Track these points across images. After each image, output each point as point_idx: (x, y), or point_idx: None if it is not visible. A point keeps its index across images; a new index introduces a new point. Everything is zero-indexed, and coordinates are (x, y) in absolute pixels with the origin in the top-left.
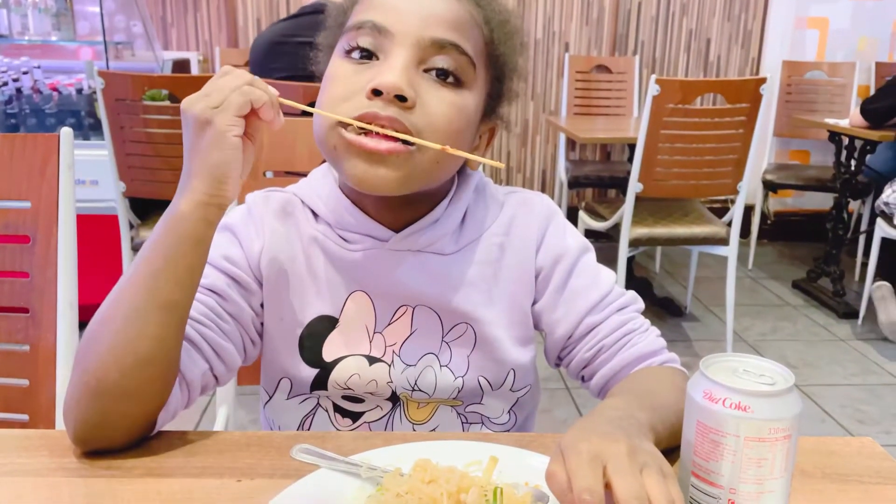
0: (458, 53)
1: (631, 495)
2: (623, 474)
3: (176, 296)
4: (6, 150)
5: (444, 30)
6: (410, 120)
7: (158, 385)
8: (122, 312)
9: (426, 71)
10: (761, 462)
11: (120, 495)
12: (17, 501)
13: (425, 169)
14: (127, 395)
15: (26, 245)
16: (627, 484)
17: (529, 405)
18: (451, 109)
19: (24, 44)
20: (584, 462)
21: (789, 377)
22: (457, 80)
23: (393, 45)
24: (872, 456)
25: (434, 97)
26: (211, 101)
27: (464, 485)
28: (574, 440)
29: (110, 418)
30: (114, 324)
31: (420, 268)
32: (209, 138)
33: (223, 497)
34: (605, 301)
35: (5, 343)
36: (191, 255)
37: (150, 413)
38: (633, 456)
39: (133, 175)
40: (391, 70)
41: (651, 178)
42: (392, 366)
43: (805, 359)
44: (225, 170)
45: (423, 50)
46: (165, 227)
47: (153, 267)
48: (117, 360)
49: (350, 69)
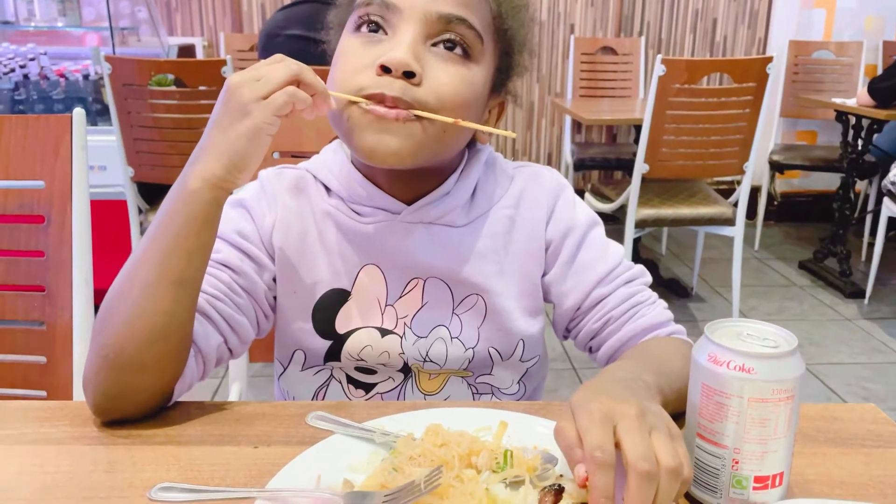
0: (465, 28)
1: (640, 455)
2: (632, 434)
3: (187, 273)
4: (20, 132)
5: (452, 4)
6: (418, 95)
7: (173, 358)
8: (135, 288)
9: (434, 45)
10: (764, 422)
11: (140, 462)
12: (40, 469)
13: (434, 139)
14: (143, 368)
15: (41, 225)
16: (636, 444)
17: (538, 376)
18: (458, 82)
19: (31, 30)
20: (595, 421)
21: (792, 340)
22: (465, 52)
23: (401, 20)
24: (875, 421)
25: (441, 71)
26: (257, 91)
27: (475, 448)
28: (585, 399)
29: (128, 389)
30: (128, 299)
31: (431, 240)
32: (243, 127)
33: (241, 463)
34: (613, 273)
35: (23, 321)
36: (200, 234)
37: (166, 384)
38: (643, 417)
39: (141, 160)
40: (399, 46)
41: (657, 158)
42: (404, 337)
43: (811, 338)
44: (246, 161)
45: (430, 25)
46: (174, 206)
47: (163, 244)
48: (133, 333)
49: (359, 43)
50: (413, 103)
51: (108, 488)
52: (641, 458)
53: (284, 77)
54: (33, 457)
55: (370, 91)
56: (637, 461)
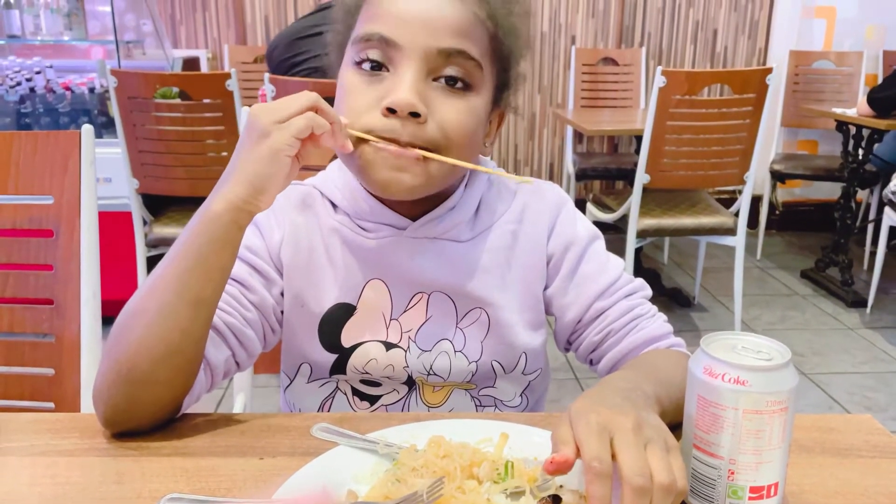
0: (464, 59)
1: (635, 471)
2: (629, 449)
3: (206, 293)
4: (29, 147)
5: (451, 37)
6: (427, 135)
7: (185, 373)
8: (154, 307)
9: (435, 79)
10: (759, 433)
11: (149, 473)
12: (51, 480)
13: (444, 174)
14: (156, 383)
15: (50, 239)
16: (632, 459)
17: (540, 388)
18: (462, 117)
19: (37, 44)
20: (593, 432)
21: (786, 353)
22: (465, 84)
23: (402, 57)
24: (871, 432)
25: (445, 107)
26: (276, 116)
27: (476, 459)
28: (583, 409)
29: (139, 403)
30: (146, 317)
31: (436, 255)
32: (263, 150)
33: (246, 474)
34: (613, 287)
35: (31, 333)
36: (220, 255)
37: (177, 398)
38: (639, 430)
39: (146, 172)
40: (402, 87)
41: (658, 169)
42: (408, 351)
43: (813, 347)
44: (267, 182)
45: (431, 60)
46: (197, 227)
47: (184, 265)
48: (149, 350)
49: (362, 81)
50: (424, 144)
51: (117, 499)
52: (637, 473)
53: (303, 104)
54: (44, 468)
55: (380, 133)
56: (632, 476)
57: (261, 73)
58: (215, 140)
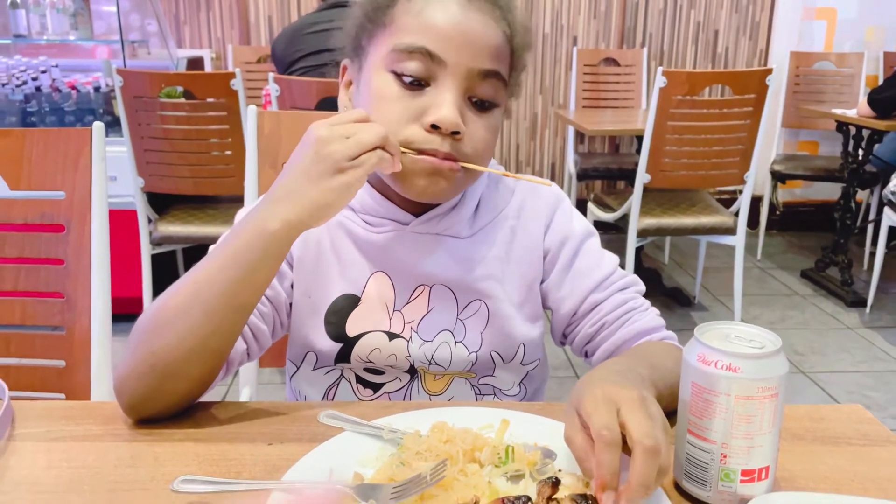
0: (497, 80)
1: (645, 433)
2: (636, 415)
3: (251, 301)
4: (41, 144)
5: (490, 59)
6: (462, 150)
7: (215, 370)
8: (198, 310)
9: (469, 98)
10: (751, 419)
11: (161, 457)
12: (67, 464)
13: (471, 178)
14: (186, 377)
15: (61, 234)
16: (641, 423)
17: (538, 378)
18: (489, 135)
19: (43, 43)
20: (599, 405)
21: (776, 341)
22: (493, 104)
23: (445, 74)
24: (861, 421)
25: (478, 126)
26: (348, 150)
27: (478, 444)
28: (588, 386)
29: (166, 394)
30: (188, 317)
31: (437, 250)
32: (336, 183)
33: (256, 458)
34: (607, 281)
35: (42, 326)
36: (271, 269)
37: (202, 390)
38: (644, 401)
39: (151, 170)
40: (447, 105)
41: (659, 168)
42: (410, 341)
43: (813, 347)
44: (333, 211)
45: (471, 79)
46: (251, 241)
47: (234, 275)
48: (189, 349)
49: (401, 93)
50: (459, 157)
51: (131, 482)
52: (646, 435)
53: (374, 141)
54: (60, 452)
55: (421, 147)
56: (643, 438)
57: (264, 73)
58: (219, 139)
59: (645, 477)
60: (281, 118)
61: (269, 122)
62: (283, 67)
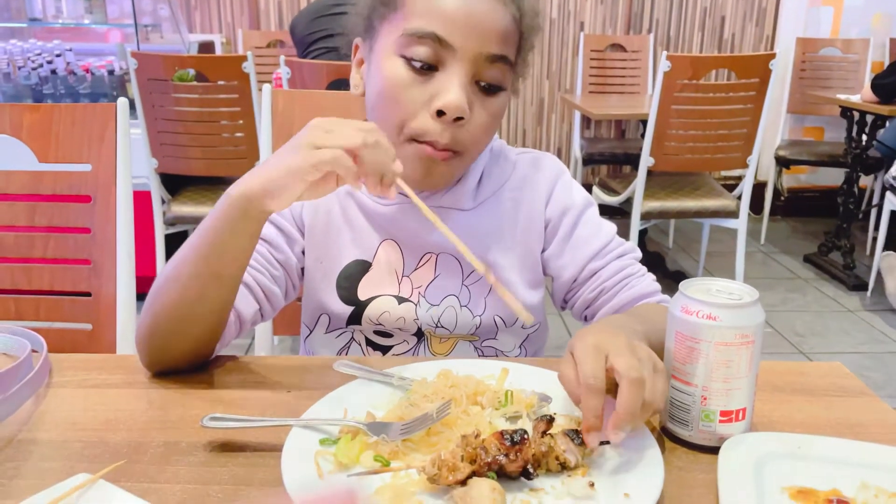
0: (504, 64)
1: (630, 367)
2: (623, 356)
3: (226, 270)
4: (68, 119)
5: (498, 44)
6: (460, 138)
7: (210, 331)
8: (183, 276)
9: (476, 82)
10: (729, 363)
11: (189, 402)
12: (103, 407)
13: (467, 165)
14: (184, 337)
15: (88, 204)
16: (627, 361)
17: (539, 341)
18: (492, 120)
19: (57, 27)
20: (589, 352)
21: (753, 293)
22: (499, 87)
23: (454, 59)
24: (840, 376)
25: (482, 111)
26: (318, 139)
27: (480, 389)
28: (582, 336)
29: (172, 350)
30: (177, 284)
31: (443, 222)
32: (287, 161)
33: (276, 403)
34: (606, 249)
35: (70, 292)
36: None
37: (205, 347)
38: (632, 347)
39: (165, 152)
40: (454, 89)
41: (662, 152)
42: (418, 305)
43: (814, 329)
44: (278, 191)
45: (479, 64)
46: (217, 207)
47: (203, 241)
48: (177, 311)
49: (411, 78)
50: (455, 146)
51: (162, 421)
52: (631, 368)
53: (346, 142)
54: (96, 397)
55: (423, 139)
56: (628, 371)
57: (274, 58)
58: (231, 121)
59: (631, 405)
60: (294, 97)
61: (283, 101)
62: (303, 48)
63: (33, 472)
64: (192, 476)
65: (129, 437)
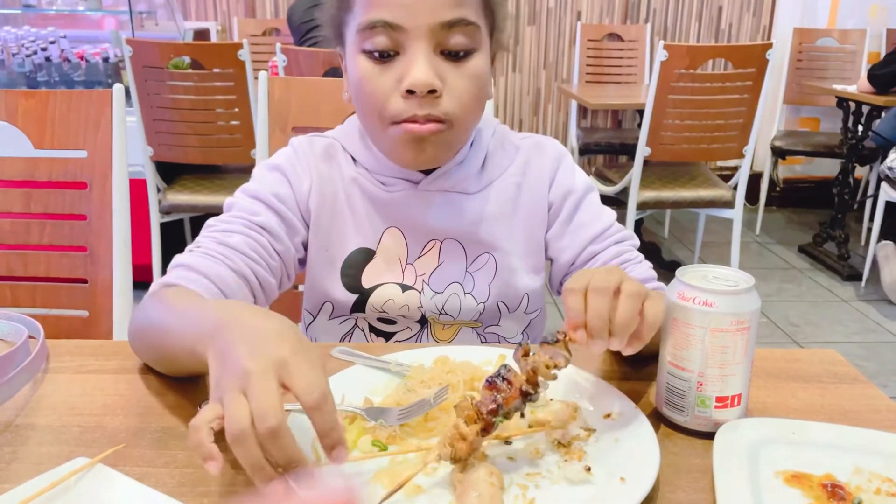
0: (465, 25)
1: (599, 281)
2: (599, 273)
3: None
4: (64, 105)
5: (450, 8)
6: (443, 108)
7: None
8: (161, 339)
9: (442, 52)
10: (724, 349)
11: (187, 388)
12: (100, 392)
13: (460, 139)
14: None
15: (84, 191)
16: (599, 278)
17: (540, 326)
18: (471, 84)
19: (51, 13)
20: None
21: (750, 280)
22: (470, 50)
23: (409, 39)
24: (834, 363)
25: (457, 78)
26: (233, 384)
27: (477, 375)
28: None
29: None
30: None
31: (448, 206)
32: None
33: None
34: (605, 233)
35: (67, 279)
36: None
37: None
38: (612, 270)
39: (160, 140)
40: (417, 66)
41: (659, 142)
42: (422, 293)
43: (808, 318)
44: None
45: (436, 34)
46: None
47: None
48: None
49: (375, 69)
50: (441, 116)
51: (160, 406)
52: (631, 285)
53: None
54: (93, 382)
55: (401, 117)
56: (626, 287)
57: (270, 46)
58: (226, 109)
59: (628, 313)
60: (290, 84)
61: (279, 88)
62: (299, 36)
63: (31, 457)
64: (190, 460)
65: (126, 421)
